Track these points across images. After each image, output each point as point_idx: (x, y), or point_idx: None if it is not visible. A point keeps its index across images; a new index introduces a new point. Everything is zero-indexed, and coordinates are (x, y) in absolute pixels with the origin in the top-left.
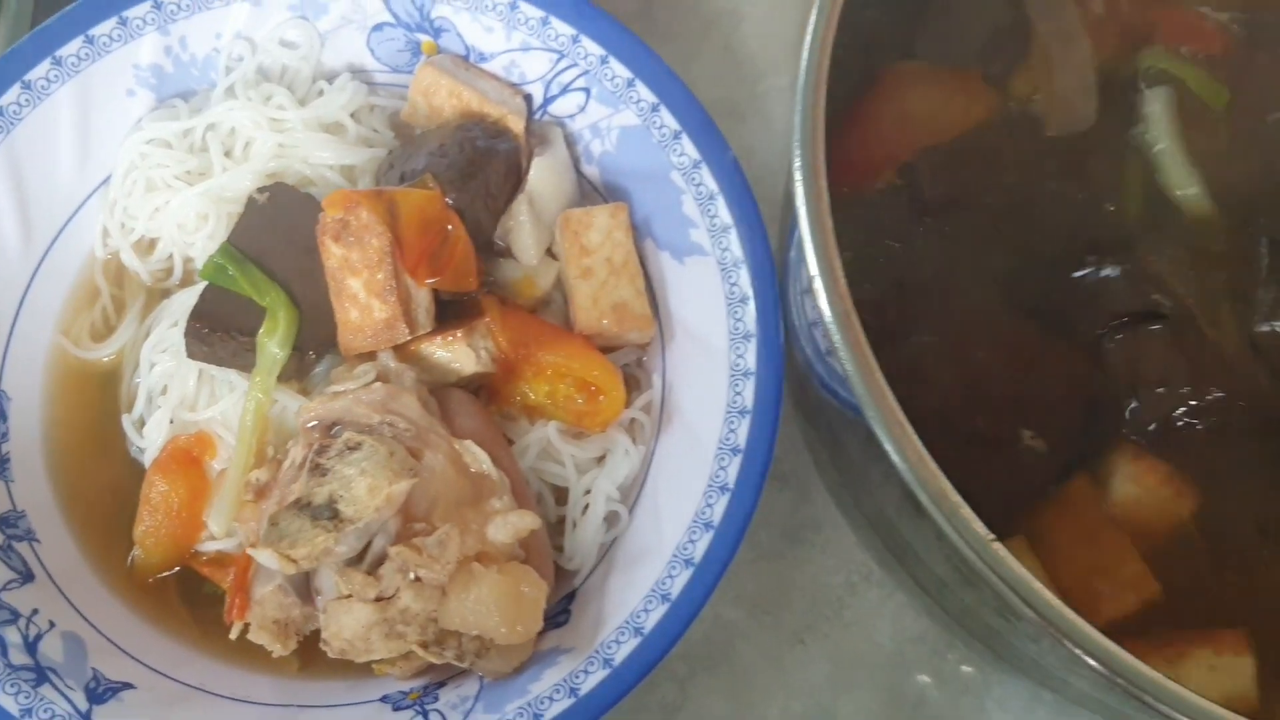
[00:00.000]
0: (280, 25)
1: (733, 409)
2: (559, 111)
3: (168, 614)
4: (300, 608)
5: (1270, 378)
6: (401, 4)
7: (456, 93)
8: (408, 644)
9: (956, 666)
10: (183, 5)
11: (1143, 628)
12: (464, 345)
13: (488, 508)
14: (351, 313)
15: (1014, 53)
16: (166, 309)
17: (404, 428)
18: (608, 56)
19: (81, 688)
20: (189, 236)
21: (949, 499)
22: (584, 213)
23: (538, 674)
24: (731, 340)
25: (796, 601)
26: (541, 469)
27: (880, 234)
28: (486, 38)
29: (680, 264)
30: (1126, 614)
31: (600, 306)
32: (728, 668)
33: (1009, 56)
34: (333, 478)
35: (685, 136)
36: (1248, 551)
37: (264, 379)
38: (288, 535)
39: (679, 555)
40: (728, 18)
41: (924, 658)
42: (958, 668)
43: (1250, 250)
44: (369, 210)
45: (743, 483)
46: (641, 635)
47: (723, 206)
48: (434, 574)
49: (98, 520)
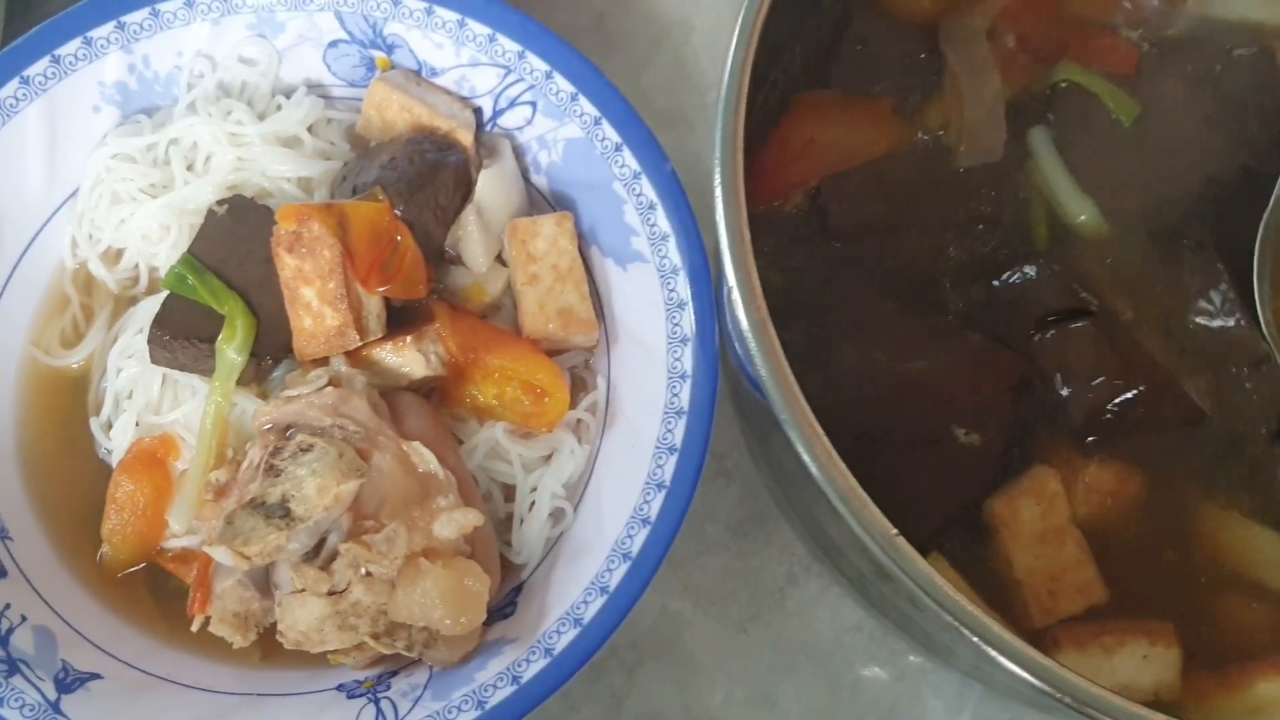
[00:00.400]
0: (239, 43)
1: (670, 410)
2: (508, 124)
3: (135, 607)
4: (259, 601)
5: (1195, 370)
6: (355, 21)
7: (408, 107)
8: (360, 635)
9: (892, 654)
10: (145, 25)
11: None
12: (414, 350)
13: (434, 505)
14: (305, 320)
15: (926, 85)
16: (133, 316)
17: (354, 430)
18: (552, 72)
19: (51, 678)
20: (153, 247)
21: (855, 495)
22: (531, 222)
23: (483, 663)
24: (670, 344)
25: (740, 592)
26: (490, 468)
27: (796, 252)
28: (437, 53)
29: (623, 270)
30: (1073, 614)
31: (546, 311)
32: (674, 656)
33: (921, 89)
34: (286, 478)
35: (626, 149)
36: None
37: (223, 384)
38: (242, 533)
39: (618, 549)
40: (678, 29)
41: (861, 645)
42: (893, 655)
43: (1169, 254)
44: (320, 223)
45: (678, 480)
46: (581, 626)
47: (661, 216)
48: (383, 569)
49: (68, 518)
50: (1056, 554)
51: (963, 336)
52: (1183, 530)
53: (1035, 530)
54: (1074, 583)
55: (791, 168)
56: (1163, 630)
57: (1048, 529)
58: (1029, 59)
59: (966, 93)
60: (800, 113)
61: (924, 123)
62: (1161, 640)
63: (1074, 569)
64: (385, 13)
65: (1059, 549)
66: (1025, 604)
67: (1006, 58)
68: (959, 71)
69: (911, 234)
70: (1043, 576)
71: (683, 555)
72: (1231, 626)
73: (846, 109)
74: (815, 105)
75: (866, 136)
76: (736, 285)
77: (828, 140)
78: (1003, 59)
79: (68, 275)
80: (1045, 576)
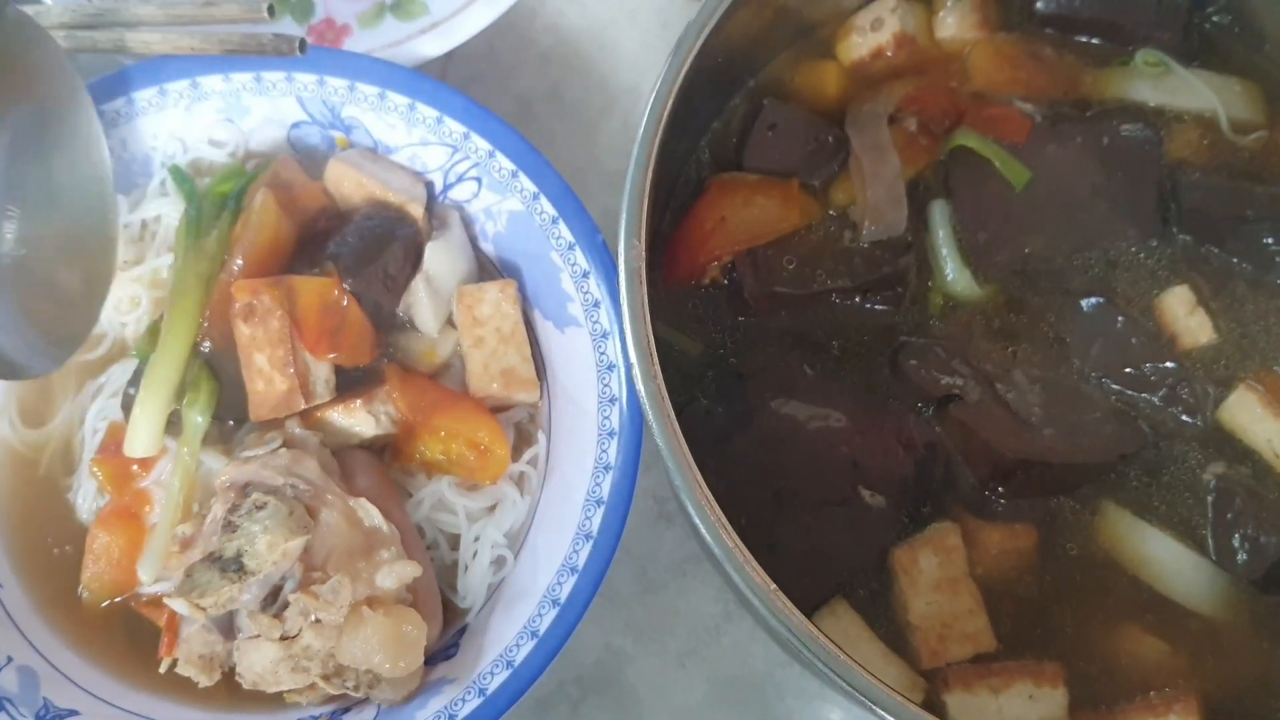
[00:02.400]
0: (209, 126)
1: (599, 465)
2: (458, 196)
3: (113, 650)
4: (224, 644)
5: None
6: (315, 105)
7: (362, 183)
8: (311, 676)
9: (822, 688)
10: (122, 112)
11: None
12: (364, 412)
13: (378, 558)
14: (258, 384)
15: (833, 166)
16: (109, 380)
17: (304, 488)
18: (494, 151)
19: (33, 714)
20: (123, 317)
21: (739, 553)
22: (477, 288)
23: (424, 701)
24: (600, 403)
25: (679, 629)
26: (436, 519)
27: (715, 323)
28: (391, 133)
29: (561, 333)
30: (960, 659)
31: (491, 371)
32: (617, 690)
33: (828, 170)
34: (241, 534)
35: (562, 221)
36: (1068, 593)
37: (189, 444)
38: (199, 586)
39: (548, 595)
40: (626, 96)
41: (793, 679)
42: (823, 689)
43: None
44: (269, 296)
45: (604, 531)
46: (512, 667)
47: (593, 283)
48: (330, 616)
49: (50, 568)
50: (950, 602)
51: (873, 403)
52: (1078, 565)
53: (932, 579)
54: (965, 630)
55: (707, 244)
56: (1050, 671)
57: (944, 578)
58: (930, 141)
59: (869, 172)
60: (714, 194)
61: (832, 201)
62: (1048, 680)
63: (966, 617)
64: (342, 98)
65: (953, 598)
66: (916, 647)
67: (908, 140)
68: (861, 153)
69: (822, 304)
70: (935, 622)
71: (626, 594)
72: (1121, 666)
73: (757, 189)
74: (728, 186)
75: (777, 214)
76: (637, 361)
77: (739, 219)
78: (904, 141)
79: None
80: (937, 622)
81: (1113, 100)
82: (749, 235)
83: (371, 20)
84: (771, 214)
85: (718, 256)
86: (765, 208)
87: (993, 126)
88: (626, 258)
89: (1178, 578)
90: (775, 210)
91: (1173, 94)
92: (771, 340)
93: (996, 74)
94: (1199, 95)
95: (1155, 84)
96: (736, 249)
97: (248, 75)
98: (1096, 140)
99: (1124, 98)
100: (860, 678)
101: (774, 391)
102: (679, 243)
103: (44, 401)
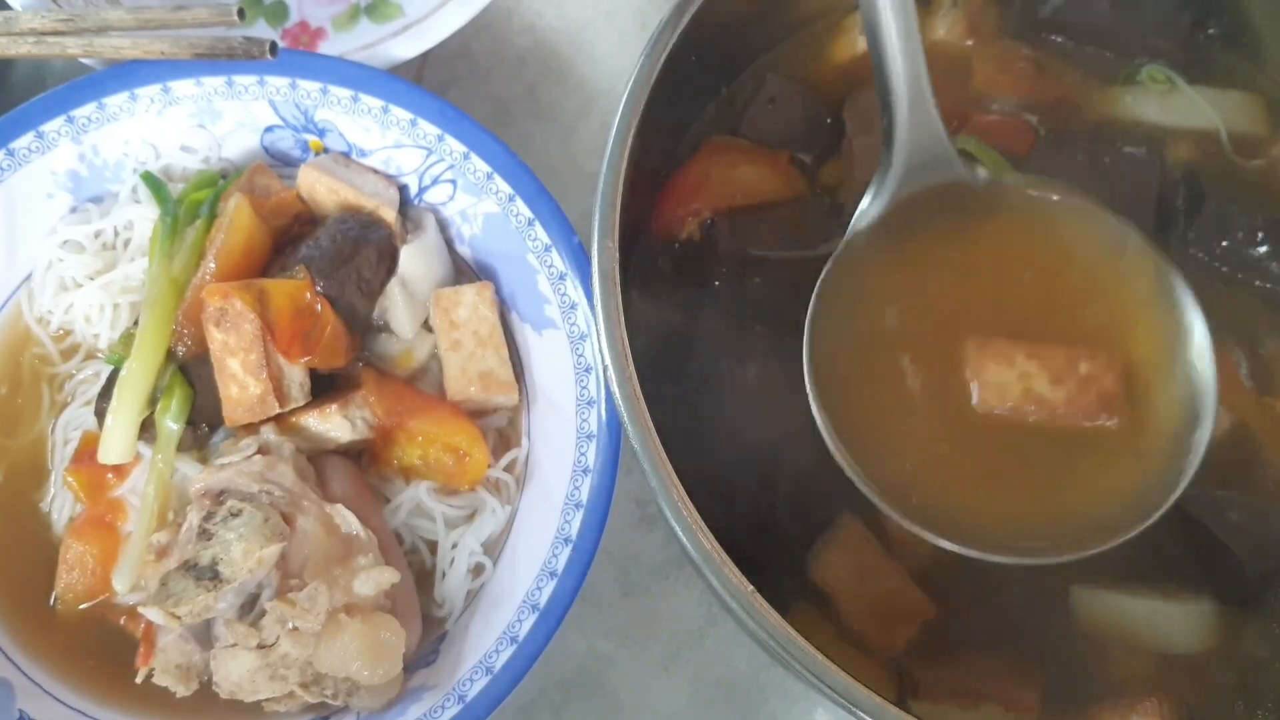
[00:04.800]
0: (181, 132)
1: (578, 468)
2: (433, 199)
3: (89, 662)
4: (201, 653)
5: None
6: (288, 109)
7: (334, 189)
8: (289, 685)
9: (806, 690)
10: (93, 118)
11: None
12: (340, 417)
13: (355, 564)
14: (232, 389)
15: (826, 147)
16: (80, 388)
17: (279, 495)
18: (469, 153)
19: None
20: (94, 327)
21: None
22: (453, 291)
23: (404, 709)
24: (578, 406)
25: (661, 632)
26: (414, 525)
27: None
28: (365, 136)
29: (539, 336)
30: (911, 639)
31: (468, 375)
32: (600, 695)
33: (821, 150)
34: (216, 541)
35: (538, 223)
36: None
37: (164, 451)
38: (174, 594)
39: (527, 601)
40: (604, 97)
41: (775, 682)
42: (807, 691)
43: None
44: (241, 300)
45: (583, 535)
46: (491, 674)
47: (570, 285)
48: (307, 624)
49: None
50: (878, 588)
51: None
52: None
53: (854, 574)
54: (902, 607)
55: (689, 197)
56: (1027, 699)
57: (863, 569)
58: None
59: (860, 163)
60: (706, 153)
61: (820, 180)
62: (1020, 705)
63: (898, 597)
64: (315, 101)
65: (878, 583)
66: (871, 643)
67: None
68: (855, 139)
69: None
70: (873, 612)
71: (608, 598)
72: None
73: (749, 155)
74: (720, 148)
75: (762, 180)
76: (611, 364)
77: (724, 177)
78: None
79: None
80: (875, 612)
81: (1116, 117)
82: (731, 194)
83: (346, 23)
84: (757, 180)
85: (697, 210)
86: (752, 173)
87: (995, 135)
88: (600, 259)
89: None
90: (762, 177)
91: (1176, 112)
92: (736, 306)
93: (997, 82)
94: (1202, 113)
95: (1161, 102)
96: (717, 206)
97: (220, 80)
98: (1098, 159)
99: (1127, 115)
100: (838, 678)
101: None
102: (664, 197)
103: (12, 414)
